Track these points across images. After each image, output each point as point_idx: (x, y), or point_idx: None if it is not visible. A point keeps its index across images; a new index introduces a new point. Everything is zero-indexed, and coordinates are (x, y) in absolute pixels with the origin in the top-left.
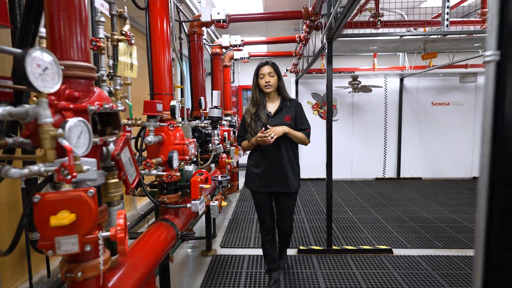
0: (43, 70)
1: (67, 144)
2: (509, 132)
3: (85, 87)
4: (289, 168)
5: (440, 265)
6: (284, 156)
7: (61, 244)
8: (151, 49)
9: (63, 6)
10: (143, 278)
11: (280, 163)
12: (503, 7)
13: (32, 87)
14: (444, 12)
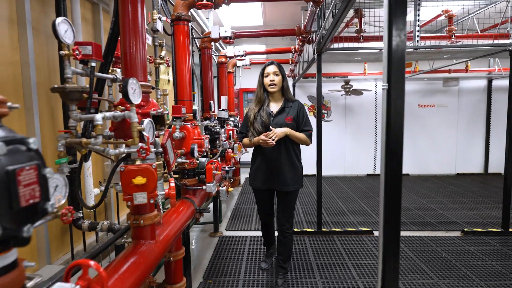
0: (133, 91)
1: (146, 134)
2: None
3: (145, 98)
4: (287, 167)
5: (413, 244)
6: (282, 155)
7: (136, 197)
8: (176, 65)
9: (133, 47)
10: (175, 234)
11: (279, 162)
12: (390, 59)
13: (129, 101)
14: (415, 30)
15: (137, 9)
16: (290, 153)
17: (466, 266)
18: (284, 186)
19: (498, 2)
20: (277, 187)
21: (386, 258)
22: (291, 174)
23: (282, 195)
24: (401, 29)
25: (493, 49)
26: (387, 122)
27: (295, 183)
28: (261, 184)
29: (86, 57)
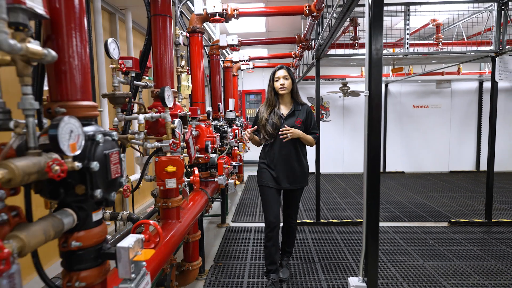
0: (168, 97)
1: (178, 131)
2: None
3: (173, 102)
4: (297, 166)
5: (403, 233)
6: (292, 155)
7: (168, 182)
8: (191, 72)
9: (163, 59)
10: (194, 218)
11: (289, 161)
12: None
13: (165, 105)
14: (405, 37)
15: (166, 29)
16: (299, 153)
17: (449, 251)
18: (294, 184)
19: (481, 12)
20: (287, 186)
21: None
22: (300, 172)
23: (291, 193)
24: (378, 49)
25: (476, 55)
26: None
27: (303, 181)
28: (273, 183)
29: (128, 69)
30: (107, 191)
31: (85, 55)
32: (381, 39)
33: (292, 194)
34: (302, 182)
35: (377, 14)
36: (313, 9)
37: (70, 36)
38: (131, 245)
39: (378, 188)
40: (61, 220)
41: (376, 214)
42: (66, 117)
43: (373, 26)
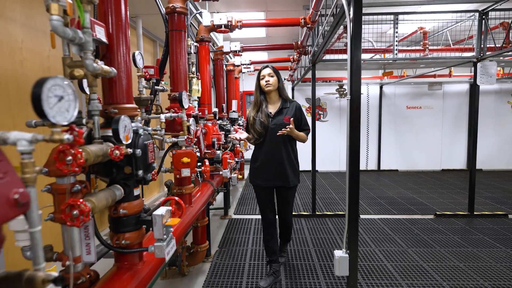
0: (185, 99)
1: (193, 128)
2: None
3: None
4: (287, 164)
5: (391, 224)
6: (283, 153)
7: (183, 172)
8: (200, 77)
9: (179, 67)
10: (203, 204)
11: (279, 159)
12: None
13: (182, 106)
14: (394, 44)
15: (181, 42)
16: (289, 151)
17: (432, 239)
18: (286, 182)
19: (464, 20)
20: (279, 184)
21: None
22: (291, 170)
23: (283, 191)
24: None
25: (459, 60)
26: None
27: (294, 179)
28: (263, 181)
29: (151, 76)
30: (145, 172)
31: (129, 69)
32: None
33: (284, 192)
34: (293, 180)
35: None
36: (308, 21)
37: (119, 54)
38: (163, 213)
39: (358, 176)
40: (115, 192)
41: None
42: (123, 116)
43: (353, 43)
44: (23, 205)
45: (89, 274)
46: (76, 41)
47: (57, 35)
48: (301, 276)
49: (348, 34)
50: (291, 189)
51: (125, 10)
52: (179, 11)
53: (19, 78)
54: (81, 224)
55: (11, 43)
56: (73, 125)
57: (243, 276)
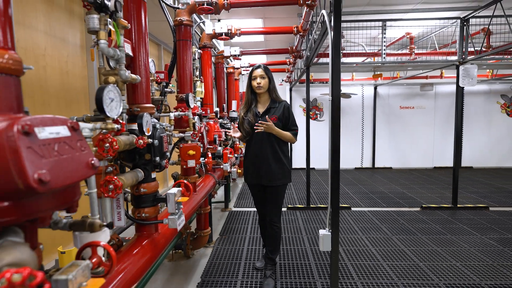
0: (191, 100)
1: (198, 125)
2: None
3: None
4: (273, 162)
5: (380, 215)
6: (268, 151)
7: (189, 163)
8: (203, 80)
9: (186, 71)
10: (206, 193)
11: (265, 158)
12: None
13: (189, 106)
14: (382, 48)
15: (187, 50)
16: (276, 149)
17: (416, 228)
18: (271, 181)
19: (448, 26)
20: (264, 182)
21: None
22: (277, 169)
23: (270, 190)
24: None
25: (443, 64)
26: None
27: (282, 178)
28: (251, 178)
29: (161, 80)
30: (161, 159)
31: (148, 75)
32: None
33: (274, 192)
34: (282, 178)
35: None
36: (300, 30)
37: (141, 64)
38: (175, 192)
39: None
40: (137, 174)
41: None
42: (145, 113)
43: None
44: (96, 167)
45: (117, 239)
46: (115, 57)
47: (103, 54)
48: (294, 258)
49: (330, 42)
50: (279, 188)
51: (145, 28)
52: (186, 24)
53: (42, 82)
54: (115, 195)
55: (35, 50)
56: (118, 118)
57: (242, 258)
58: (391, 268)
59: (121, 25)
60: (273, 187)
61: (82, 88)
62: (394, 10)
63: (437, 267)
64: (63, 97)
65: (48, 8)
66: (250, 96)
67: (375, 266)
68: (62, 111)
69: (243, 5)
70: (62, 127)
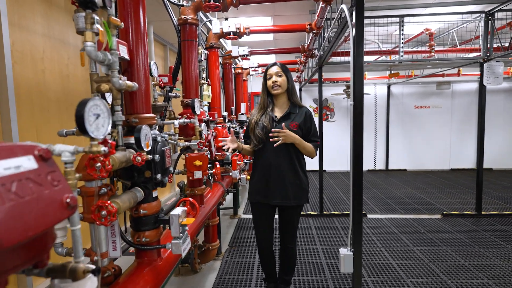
0: (197, 106)
1: (205, 133)
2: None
3: None
4: (290, 178)
5: (398, 223)
6: (285, 165)
7: (195, 174)
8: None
9: (191, 74)
10: (214, 204)
11: (281, 172)
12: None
13: (194, 112)
14: (400, 46)
15: (192, 51)
16: (294, 163)
17: (438, 238)
18: (285, 200)
19: (470, 21)
20: (277, 201)
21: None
22: (294, 186)
23: (284, 211)
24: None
25: (466, 61)
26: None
27: (298, 197)
28: (258, 196)
29: (165, 84)
30: (163, 176)
31: (148, 81)
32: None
33: (286, 212)
34: (297, 198)
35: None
36: (313, 27)
37: (139, 69)
38: (180, 214)
39: (361, 178)
40: (136, 194)
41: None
42: (144, 126)
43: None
44: (73, 207)
45: (114, 269)
46: (106, 63)
47: (91, 59)
48: (309, 274)
49: (351, 42)
50: (295, 209)
51: (144, 28)
52: (191, 22)
53: (41, 86)
54: (109, 223)
55: (33, 53)
56: (107, 138)
57: (253, 273)
58: (416, 287)
59: (112, 24)
60: (288, 208)
61: (85, 91)
62: (412, 5)
63: (468, 286)
64: (63, 102)
65: (47, 9)
66: (266, 98)
67: (398, 284)
68: (62, 116)
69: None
70: (25, 158)
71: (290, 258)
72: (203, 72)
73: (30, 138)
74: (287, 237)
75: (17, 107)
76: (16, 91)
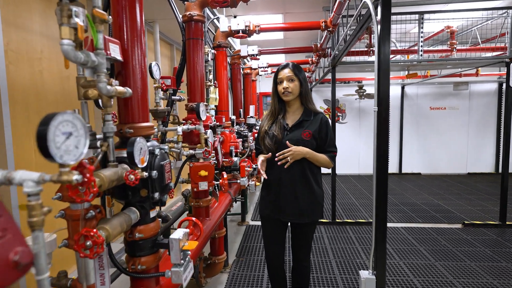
0: (202, 111)
1: (211, 140)
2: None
3: None
4: (304, 193)
5: (416, 233)
6: (296, 177)
7: (201, 185)
8: (217, 84)
9: (196, 76)
10: (220, 216)
11: (293, 186)
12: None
13: (199, 118)
14: (419, 44)
15: (198, 50)
16: (306, 175)
17: (461, 251)
18: (298, 217)
19: (495, 18)
20: (289, 219)
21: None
22: (307, 201)
23: (297, 228)
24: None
25: (490, 61)
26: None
27: (312, 213)
28: (268, 210)
29: (168, 87)
30: (162, 194)
31: (146, 85)
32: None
33: (300, 230)
34: (311, 215)
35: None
36: (329, 25)
37: (135, 71)
38: (181, 237)
39: (386, 190)
40: (130, 216)
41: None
42: (138, 138)
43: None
44: (25, 266)
45: None
46: (89, 65)
47: (69, 60)
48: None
49: (376, 38)
50: (309, 226)
51: (141, 24)
52: (196, 19)
53: (38, 88)
54: (94, 255)
55: (29, 53)
56: (84, 161)
57: (263, 287)
58: None
59: (98, 19)
60: (302, 225)
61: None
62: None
63: None
64: (63, 104)
65: (45, 7)
66: (277, 104)
67: None
68: None
69: None
70: None
71: (304, 277)
72: (210, 73)
73: (25, 145)
74: (301, 255)
75: (11, 111)
76: (10, 93)
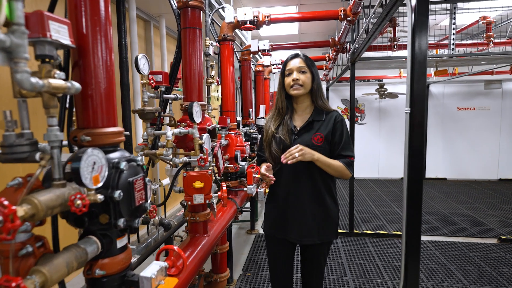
0: (196, 112)
1: (206, 146)
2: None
3: (201, 115)
4: (315, 209)
5: (445, 249)
6: (305, 191)
7: (195, 198)
8: (221, 80)
9: (193, 72)
10: (222, 230)
11: (299, 200)
12: (412, 86)
13: (193, 120)
14: (450, 38)
15: (195, 42)
16: (318, 188)
17: (500, 273)
18: (307, 237)
19: None
20: (298, 239)
21: (408, 258)
22: (318, 219)
23: (306, 250)
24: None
25: None
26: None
27: (324, 232)
28: (273, 229)
29: (158, 84)
30: (131, 219)
31: (111, 81)
32: (425, 51)
33: (310, 251)
34: (324, 234)
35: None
36: (348, 14)
37: (97, 62)
38: (154, 275)
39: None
40: (85, 249)
41: (417, 230)
42: (90, 149)
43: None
44: None
45: None
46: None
47: None
48: None
49: (409, 30)
50: (321, 247)
51: (106, 3)
52: (193, 5)
53: None
54: None
55: None
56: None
57: None
58: None
59: None
60: (311, 247)
61: None
62: None
63: None
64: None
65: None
66: (284, 102)
67: None
68: None
69: None
70: None
71: None
72: (211, 69)
73: None
74: (311, 281)
75: None
76: None
